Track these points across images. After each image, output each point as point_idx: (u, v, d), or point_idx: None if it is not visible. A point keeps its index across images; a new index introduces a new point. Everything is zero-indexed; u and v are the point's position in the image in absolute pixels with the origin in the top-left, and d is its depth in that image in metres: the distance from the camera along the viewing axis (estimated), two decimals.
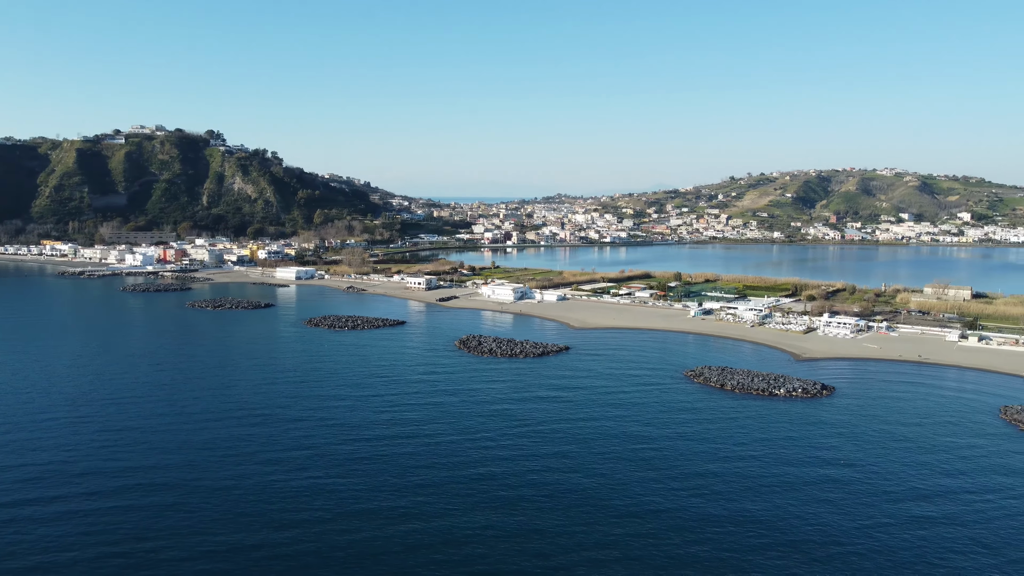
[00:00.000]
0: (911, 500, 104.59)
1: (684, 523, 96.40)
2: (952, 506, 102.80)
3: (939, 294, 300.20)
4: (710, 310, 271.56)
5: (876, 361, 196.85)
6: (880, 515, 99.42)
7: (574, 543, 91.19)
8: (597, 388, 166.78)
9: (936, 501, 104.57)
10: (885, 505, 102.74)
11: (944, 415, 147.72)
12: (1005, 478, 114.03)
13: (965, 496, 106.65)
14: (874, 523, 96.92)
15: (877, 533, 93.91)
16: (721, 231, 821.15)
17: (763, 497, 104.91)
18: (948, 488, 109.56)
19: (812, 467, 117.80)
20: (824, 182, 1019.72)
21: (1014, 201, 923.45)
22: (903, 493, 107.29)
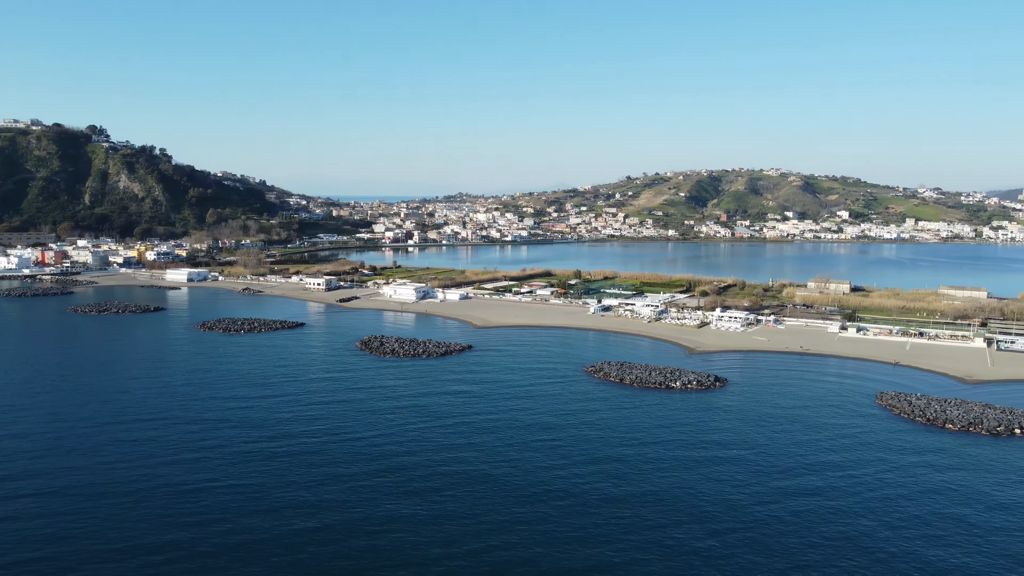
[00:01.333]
0: (800, 475, 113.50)
1: (592, 503, 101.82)
2: (835, 478, 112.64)
3: (821, 288, 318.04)
4: (609, 307, 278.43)
5: (765, 353, 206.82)
6: (773, 488, 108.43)
7: (484, 528, 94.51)
8: (501, 383, 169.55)
9: (821, 474, 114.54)
10: (777, 479, 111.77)
11: (826, 401, 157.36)
12: (881, 453, 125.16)
13: (846, 469, 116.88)
14: (768, 494, 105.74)
15: (771, 504, 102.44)
16: (619, 229, 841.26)
17: (666, 478, 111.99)
18: (831, 462, 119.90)
19: (708, 450, 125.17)
20: (715, 182, 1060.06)
21: (887, 200, 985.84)
22: (792, 469, 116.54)
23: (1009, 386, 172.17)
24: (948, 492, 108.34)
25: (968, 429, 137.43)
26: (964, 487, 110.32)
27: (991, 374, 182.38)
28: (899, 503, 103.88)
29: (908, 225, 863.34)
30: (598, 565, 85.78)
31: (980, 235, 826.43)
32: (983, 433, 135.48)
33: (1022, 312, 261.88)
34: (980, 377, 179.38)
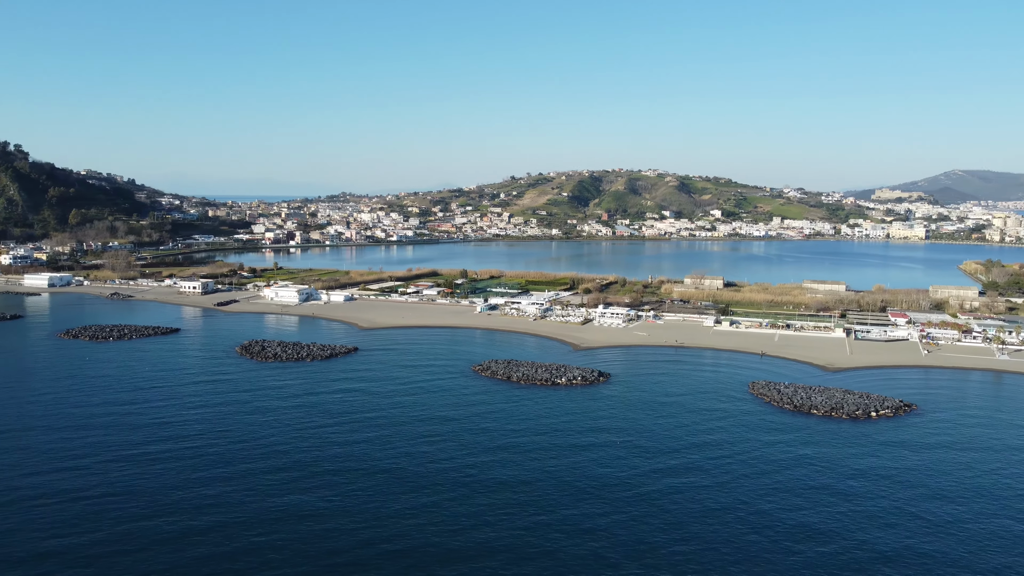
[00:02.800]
0: (680, 455, 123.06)
1: (483, 490, 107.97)
2: (712, 457, 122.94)
3: (697, 284, 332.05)
4: (495, 305, 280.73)
5: (645, 347, 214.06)
6: (656, 466, 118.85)
7: (382, 515, 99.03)
8: (389, 381, 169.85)
9: (700, 453, 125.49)
10: (660, 459, 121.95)
11: (703, 391, 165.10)
12: (753, 433, 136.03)
13: (722, 448, 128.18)
14: (652, 472, 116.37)
15: (655, 480, 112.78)
16: (504, 229, 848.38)
17: (556, 461, 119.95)
18: (709, 443, 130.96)
19: (594, 435, 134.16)
20: (596, 182, 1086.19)
21: (756, 200, 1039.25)
22: (673, 450, 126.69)
23: (865, 372, 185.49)
24: (812, 465, 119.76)
25: (831, 414, 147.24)
26: (826, 460, 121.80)
27: (850, 362, 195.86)
28: (771, 475, 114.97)
29: (775, 223, 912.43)
30: (488, 546, 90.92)
31: (839, 232, 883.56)
32: (844, 417, 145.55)
33: (876, 304, 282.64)
34: (841, 365, 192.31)
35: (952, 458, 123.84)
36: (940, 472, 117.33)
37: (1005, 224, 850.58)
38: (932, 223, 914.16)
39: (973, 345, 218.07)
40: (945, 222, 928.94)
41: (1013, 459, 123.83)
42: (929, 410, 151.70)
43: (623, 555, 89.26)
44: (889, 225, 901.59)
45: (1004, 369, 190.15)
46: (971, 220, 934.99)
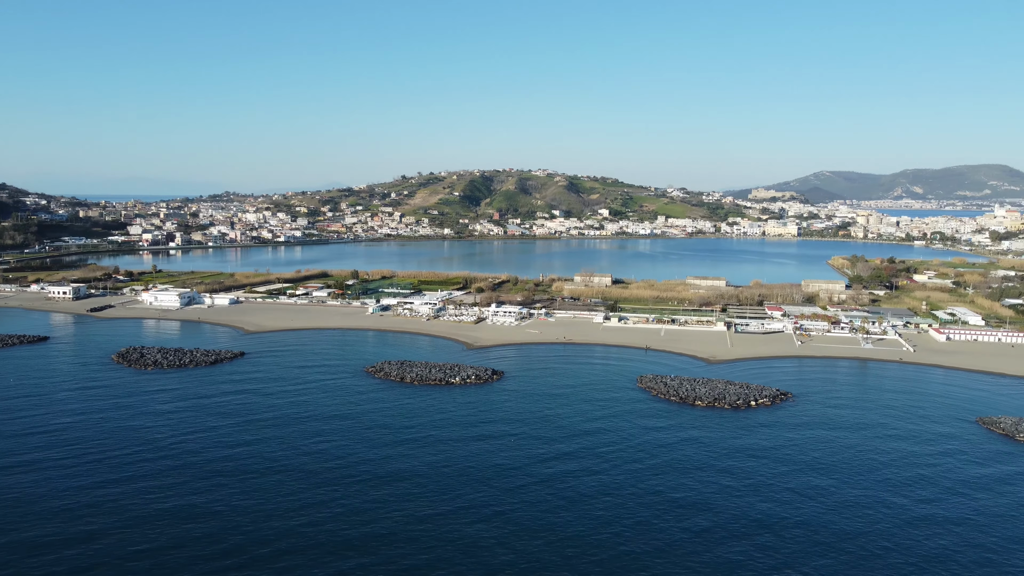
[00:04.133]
0: (572, 443, 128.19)
1: (383, 480, 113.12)
2: (603, 443, 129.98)
3: (587, 281, 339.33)
4: (388, 306, 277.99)
5: (538, 344, 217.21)
6: (549, 452, 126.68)
7: (277, 513, 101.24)
8: (279, 384, 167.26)
9: (593, 438, 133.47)
10: (552, 446, 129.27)
11: (593, 385, 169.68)
12: (641, 420, 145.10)
13: (611, 434, 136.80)
14: (545, 456, 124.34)
15: (549, 464, 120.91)
16: (395, 228, 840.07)
17: (452, 452, 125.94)
18: (599, 429, 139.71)
19: (489, 427, 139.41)
20: (488, 181, 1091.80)
21: (641, 199, 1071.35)
22: (564, 438, 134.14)
23: (745, 364, 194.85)
24: (696, 448, 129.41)
25: (714, 404, 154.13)
26: (709, 443, 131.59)
27: (731, 354, 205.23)
28: (658, 457, 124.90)
29: (660, 222, 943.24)
30: (386, 536, 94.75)
31: (719, 230, 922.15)
32: (726, 407, 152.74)
33: (754, 298, 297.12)
34: (722, 357, 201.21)
35: (820, 437, 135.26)
36: (810, 450, 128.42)
37: (868, 222, 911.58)
38: (803, 221, 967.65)
39: (841, 335, 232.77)
40: (815, 220, 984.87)
41: (873, 436, 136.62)
42: (803, 397, 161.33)
43: (522, 535, 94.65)
44: (765, 223, 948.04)
45: (868, 357, 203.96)
46: (838, 218, 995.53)
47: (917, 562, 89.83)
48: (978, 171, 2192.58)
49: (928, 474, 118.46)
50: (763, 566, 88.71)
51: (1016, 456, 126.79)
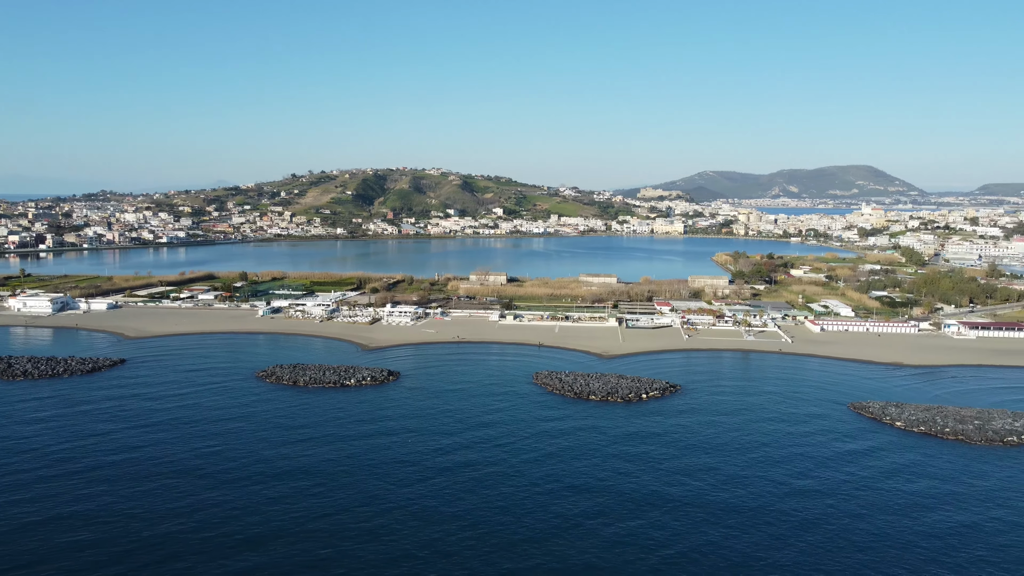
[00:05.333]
0: (467, 435, 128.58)
1: (277, 478, 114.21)
2: (498, 436, 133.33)
3: (482, 280, 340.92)
4: (279, 308, 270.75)
5: (434, 344, 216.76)
6: (445, 445, 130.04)
7: (167, 515, 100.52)
8: (163, 389, 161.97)
9: (489, 430, 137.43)
10: (447, 439, 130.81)
11: (490, 382, 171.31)
12: (537, 411, 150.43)
13: (508, 426, 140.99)
14: (440, 449, 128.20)
15: (444, 456, 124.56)
16: (286, 228, 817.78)
17: (349, 449, 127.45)
18: (494, 421, 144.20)
19: (386, 423, 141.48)
20: (381, 180, 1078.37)
21: (535, 198, 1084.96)
22: (459, 431, 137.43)
23: (637, 358, 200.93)
24: (588, 436, 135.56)
25: (607, 398, 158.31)
26: (600, 431, 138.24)
27: (623, 349, 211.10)
28: (553, 443, 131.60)
29: (553, 220, 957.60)
30: (280, 532, 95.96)
31: (610, 228, 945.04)
32: (619, 400, 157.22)
33: (644, 294, 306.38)
34: (615, 352, 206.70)
35: (707, 422, 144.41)
36: (697, 434, 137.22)
37: (748, 220, 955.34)
38: (689, 219, 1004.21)
39: (725, 328, 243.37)
40: (700, 218, 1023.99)
41: (754, 419, 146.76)
42: (690, 388, 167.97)
43: (423, 525, 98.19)
44: (653, 221, 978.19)
45: (750, 349, 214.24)
46: (721, 216, 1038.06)
47: (794, 528, 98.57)
48: (847, 172, 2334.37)
49: (804, 452, 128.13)
50: (655, 541, 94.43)
51: (882, 436, 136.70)
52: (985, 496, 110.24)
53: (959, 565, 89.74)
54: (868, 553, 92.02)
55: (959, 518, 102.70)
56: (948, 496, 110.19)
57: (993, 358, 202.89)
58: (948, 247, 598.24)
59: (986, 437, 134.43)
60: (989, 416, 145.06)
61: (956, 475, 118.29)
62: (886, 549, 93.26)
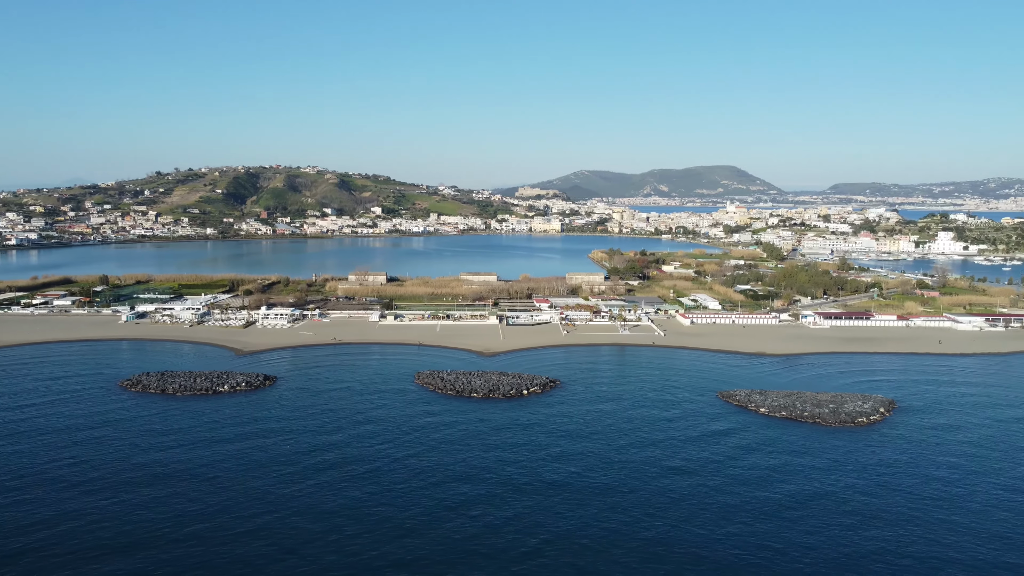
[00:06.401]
0: (347, 434, 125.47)
1: (155, 480, 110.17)
2: (379, 437, 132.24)
3: (361, 280, 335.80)
4: (144, 313, 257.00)
5: (313, 347, 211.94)
6: (319, 443, 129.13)
7: (31, 521, 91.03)
8: (15, 400, 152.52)
9: (371, 425, 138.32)
10: (324, 437, 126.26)
11: (371, 384, 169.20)
12: (417, 408, 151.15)
13: (389, 423, 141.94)
14: (315, 447, 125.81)
15: (318, 455, 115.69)
16: (151, 229, 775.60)
17: (224, 452, 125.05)
18: (377, 418, 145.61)
19: (263, 423, 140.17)
20: (253, 178, 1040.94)
21: (414, 197, 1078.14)
22: (339, 429, 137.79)
23: (517, 355, 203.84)
24: (468, 425, 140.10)
25: (489, 395, 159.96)
26: (481, 421, 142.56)
27: (504, 346, 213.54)
28: (433, 435, 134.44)
29: (432, 219, 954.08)
30: (149, 536, 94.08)
31: (489, 227, 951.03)
32: (500, 397, 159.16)
33: (523, 291, 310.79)
34: (496, 349, 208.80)
35: (584, 411, 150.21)
36: (575, 423, 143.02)
37: (622, 218, 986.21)
38: (566, 217, 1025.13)
39: (602, 323, 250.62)
40: (576, 216, 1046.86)
41: (629, 407, 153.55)
42: (570, 382, 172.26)
43: (302, 521, 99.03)
44: (532, 220, 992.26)
45: (626, 342, 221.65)
46: (596, 214, 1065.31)
47: (663, 504, 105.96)
48: (713, 172, 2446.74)
49: (674, 436, 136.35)
50: (535, 523, 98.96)
51: (747, 421, 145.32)
52: (834, 468, 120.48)
53: (816, 528, 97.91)
54: (731, 520, 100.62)
55: (812, 487, 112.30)
56: (802, 469, 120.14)
57: (845, 345, 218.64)
58: (804, 243, 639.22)
59: (840, 419, 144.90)
60: (842, 399, 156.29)
61: (810, 451, 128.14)
62: (744, 516, 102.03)
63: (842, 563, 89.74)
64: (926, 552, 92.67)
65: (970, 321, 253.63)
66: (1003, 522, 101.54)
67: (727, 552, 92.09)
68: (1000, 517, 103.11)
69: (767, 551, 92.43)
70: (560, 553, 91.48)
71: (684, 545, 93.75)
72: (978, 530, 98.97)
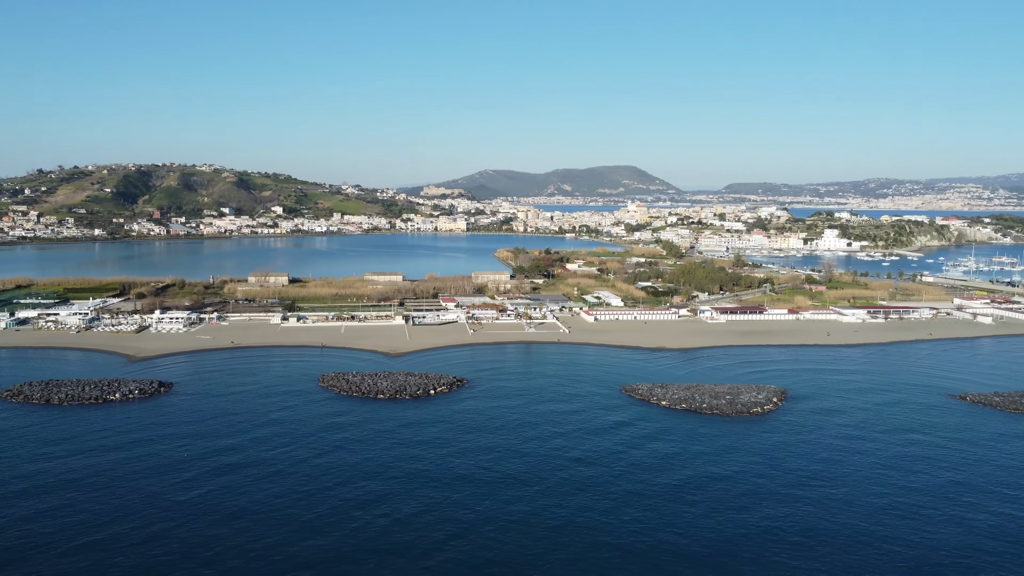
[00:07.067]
0: (247, 437, 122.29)
1: (38, 492, 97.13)
2: (281, 431, 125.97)
3: (262, 282, 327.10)
4: (26, 319, 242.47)
5: (211, 351, 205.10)
6: (220, 447, 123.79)
7: None
8: None
9: (271, 428, 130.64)
10: (223, 440, 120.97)
11: (272, 388, 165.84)
12: (318, 408, 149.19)
13: (287, 425, 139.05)
14: (212, 452, 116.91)
15: (219, 456, 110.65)
16: (33, 230, 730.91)
17: (112, 460, 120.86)
18: (278, 419, 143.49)
19: (158, 429, 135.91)
20: (145, 177, 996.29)
21: (316, 196, 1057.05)
22: (235, 434, 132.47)
23: (424, 355, 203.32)
24: (376, 423, 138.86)
25: (396, 396, 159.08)
26: (389, 419, 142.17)
27: (410, 346, 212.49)
28: (337, 437, 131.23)
29: (336, 219, 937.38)
30: (45, 544, 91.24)
31: (394, 227, 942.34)
32: (407, 398, 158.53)
33: (429, 291, 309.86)
34: (402, 350, 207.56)
35: (489, 407, 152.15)
36: (479, 417, 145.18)
37: (527, 217, 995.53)
38: (472, 217, 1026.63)
39: (508, 322, 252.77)
40: (482, 216, 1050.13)
41: (533, 402, 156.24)
42: (477, 381, 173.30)
43: (193, 524, 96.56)
44: (437, 219, 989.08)
45: (532, 340, 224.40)
46: (502, 214, 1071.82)
47: (566, 493, 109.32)
48: (615, 171, 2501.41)
49: (577, 428, 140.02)
50: (438, 516, 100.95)
51: (648, 413, 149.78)
52: (728, 453, 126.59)
53: (713, 509, 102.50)
54: (633, 505, 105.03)
55: (709, 472, 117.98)
56: (699, 455, 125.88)
57: (740, 339, 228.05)
58: (701, 240, 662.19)
59: (736, 409, 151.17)
60: (738, 391, 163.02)
61: (707, 439, 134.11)
62: (645, 501, 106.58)
63: (737, 541, 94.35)
64: (813, 526, 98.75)
65: (854, 314, 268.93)
66: (880, 496, 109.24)
67: (629, 536, 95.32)
68: (875, 491, 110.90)
69: (667, 533, 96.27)
70: (468, 545, 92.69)
71: (587, 531, 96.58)
72: (857, 504, 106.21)
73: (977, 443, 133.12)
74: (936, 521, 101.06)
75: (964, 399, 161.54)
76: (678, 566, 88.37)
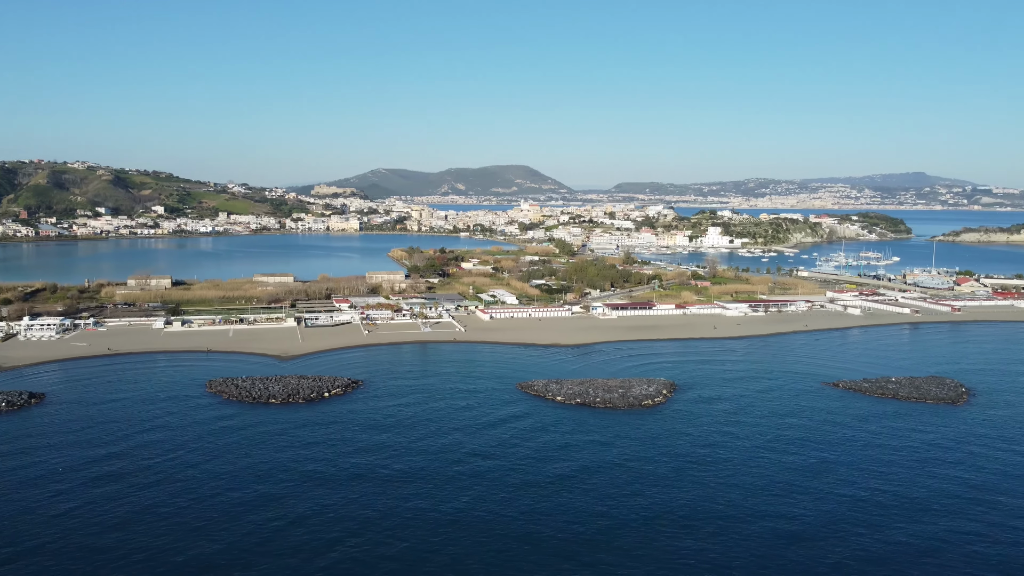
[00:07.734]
0: (122, 441, 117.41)
1: None
2: (162, 437, 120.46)
3: (143, 285, 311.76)
4: None
5: (88, 359, 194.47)
6: (101, 456, 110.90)
7: None
8: None
9: (147, 434, 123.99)
10: (105, 447, 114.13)
11: (155, 395, 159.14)
12: (204, 413, 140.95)
13: (164, 434, 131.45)
14: (86, 462, 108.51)
15: (96, 466, 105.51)
16: None
17: None
18: (161, 425, 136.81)
19: (28, 440, 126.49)
20: (10, 174, 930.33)
21: (200, 195, 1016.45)
22: (112, 442, 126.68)
23: (318, 357, 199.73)
24: (267, 425, 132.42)
25: (289, 400, 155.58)
26: (280, 421, 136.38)
27: (303, 348, 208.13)
28: (226, 440, 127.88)
29: (222, 219, 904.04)
30: None
31: (284, 226, 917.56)
32: (301, 401, 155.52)
33: (322, 292, 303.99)
34: (295, 352, 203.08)
35: (384, 407, 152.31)
36: (374, 415, 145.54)
37: (421, 216, 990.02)
38: (364, 216, 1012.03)
39: (403, 322, 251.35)
40: (375, 215, 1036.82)
41: (430, 399, 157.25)
42: (372, 382, 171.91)
43: (68, 534, 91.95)
44: (329, 219, 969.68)
45: (428, 340, 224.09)
46: (395, 213, 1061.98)
47: (464, 485, 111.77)
48: (508, 171, 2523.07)
49: (473, 424, 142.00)
50: (333, 515, 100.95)
51: (543, 408, 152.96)
52: (619, 442, 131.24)
53: (607, 495, 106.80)
54: (528, 495, 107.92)
55: (601, 460, 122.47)
56: (591, 444, 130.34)
57: (631, 334, 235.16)
58: (592, 239, 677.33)
59: (628, 402, 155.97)
60: (630, 384, 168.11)
61: (598, 429, 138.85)
62: (540, 490, 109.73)
63: (629, 523, 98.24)
64: (699, 506, 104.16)
65: (736, 308, 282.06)
66: (759, 475, 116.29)
67: (525, 524, 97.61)
68: (755, 471, 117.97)
69: (562, 519, 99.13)
70: (365, 542, 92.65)
71: (484, 522, 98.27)
72: (738, 484, 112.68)
73: (846, 424, 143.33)
74: (809, 496, 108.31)
75: (837, 385, 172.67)
76: (573, 548, 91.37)
